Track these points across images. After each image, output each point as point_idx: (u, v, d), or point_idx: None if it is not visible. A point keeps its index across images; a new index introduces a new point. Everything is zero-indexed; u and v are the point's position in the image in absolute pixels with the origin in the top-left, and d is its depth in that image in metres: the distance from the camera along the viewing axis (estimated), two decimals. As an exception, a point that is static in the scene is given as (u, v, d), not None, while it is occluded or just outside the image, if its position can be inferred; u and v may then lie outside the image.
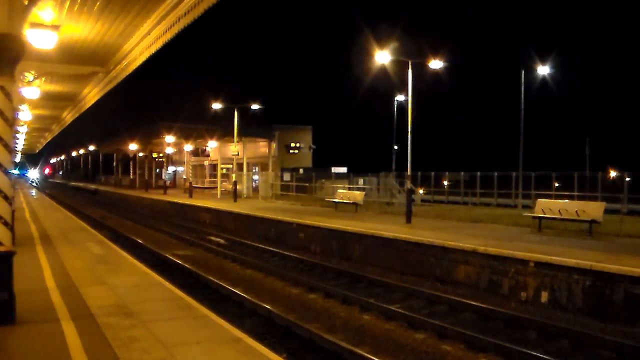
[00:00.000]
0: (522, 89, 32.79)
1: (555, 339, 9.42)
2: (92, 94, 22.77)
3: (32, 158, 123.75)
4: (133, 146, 55.36)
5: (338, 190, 29.29)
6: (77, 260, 12.25)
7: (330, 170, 41.97)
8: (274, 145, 47.69)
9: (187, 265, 15.85)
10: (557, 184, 30.78)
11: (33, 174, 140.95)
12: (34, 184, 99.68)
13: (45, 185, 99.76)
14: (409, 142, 21.37)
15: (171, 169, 67.13)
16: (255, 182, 45.75)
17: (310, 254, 18.63)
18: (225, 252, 18.80)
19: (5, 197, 6.88)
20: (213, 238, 23.14)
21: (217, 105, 37.49)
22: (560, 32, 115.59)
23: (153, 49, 14.01)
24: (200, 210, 31.27)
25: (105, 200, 51.02)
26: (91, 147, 79.12)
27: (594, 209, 16.43)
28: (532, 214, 18.03)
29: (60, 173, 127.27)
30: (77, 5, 11.15)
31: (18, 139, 37.90)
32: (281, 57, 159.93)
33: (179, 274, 15.06)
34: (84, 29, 12.83)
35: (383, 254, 16.34)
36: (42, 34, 10.13)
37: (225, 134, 41.57)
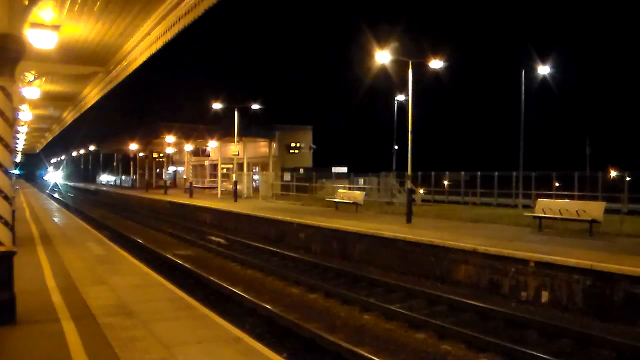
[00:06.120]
0: (522, 88, 32.88)
1: (556, 339, 9.42)
2: (92, 94, 22.74)
3: (50, 154, 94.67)
4: (133, 146, 55.39)
5: (338, 190, 29.29)
6: (78, 260, 12.26)
7: (331, 170, 42.04)
8: (274, 145, 47.72)
9: (187, 265, 15.85)
10: (557, 184, 30.76)
11: (54, 176, 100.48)
12: (56, 194, 62.55)
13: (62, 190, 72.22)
14: (409, 142, 21.34)
15: (171, 169, 67.16)
16: (255, 182, 45.76)
17: (310, 254, 18.62)
18: (225, 252, 18.80)
19: (6, 197, 6.88)
20: (213, 238, 23.13)
21: (217, 105, 37.51)
22: (560, 31, 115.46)
23: (153, 49, 13.99)
24: (201, 210, 31.27)
25: (105, 200, 51.03)
26: (91, 147, 79.12)
27: (594, 209, 16.43)
28: (533, 214, 18.03)
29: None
30: (77, 5, 11.14)
31: (18, 139, 37.87)
32: (281, 56, 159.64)
33: (180, 274, 15.07)
34: (84, 29, 12.82)
35: (383, 253, 16.34)
36: (42, 34, 10.11)
37: (225, 134, 41.60)
